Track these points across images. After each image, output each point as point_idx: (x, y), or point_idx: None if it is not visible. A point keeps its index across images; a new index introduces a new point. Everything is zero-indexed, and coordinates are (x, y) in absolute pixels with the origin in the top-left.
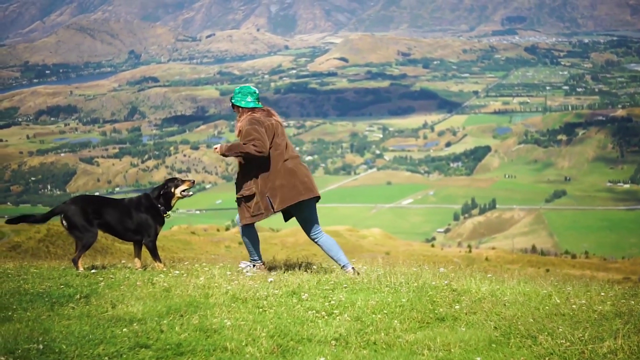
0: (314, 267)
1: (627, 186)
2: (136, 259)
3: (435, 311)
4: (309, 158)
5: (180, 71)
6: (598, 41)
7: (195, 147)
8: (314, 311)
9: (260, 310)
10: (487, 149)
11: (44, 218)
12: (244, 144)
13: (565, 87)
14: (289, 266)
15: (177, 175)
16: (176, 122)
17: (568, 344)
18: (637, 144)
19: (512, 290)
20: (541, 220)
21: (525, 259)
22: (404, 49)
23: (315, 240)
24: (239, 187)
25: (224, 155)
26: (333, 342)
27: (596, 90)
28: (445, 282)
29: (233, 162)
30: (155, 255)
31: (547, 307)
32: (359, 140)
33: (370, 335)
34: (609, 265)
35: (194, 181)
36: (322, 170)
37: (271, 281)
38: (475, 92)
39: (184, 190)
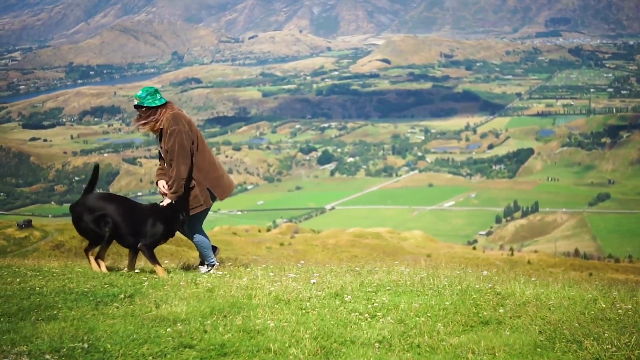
0: (357, 268)
1: None
2: (130, 269)
3: (479, 314)
4: (350, 159)
5: (222, 72)
6: None
7: (237, 148)
8: (357, 313)
9: (303, 311)
10: (530, 151)
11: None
12: (178, 163)
13: (610, 90)
14: (331, 268)
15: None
16: (218, 123)
17: (614, 349)
18: None
19: (556, 294)
20: (584, 224)
21: (568, 263)
22: (446, 51)
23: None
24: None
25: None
26: (376, 345)
27: None
28: (489, 285)
29: (275, 164)
30: (153, 260)
31: (592, 312)
32: (401, 142)
33: (414, 338)
34: None
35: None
36: (364, 171)
37: (314, 282)
38: (518, 94)
39: None
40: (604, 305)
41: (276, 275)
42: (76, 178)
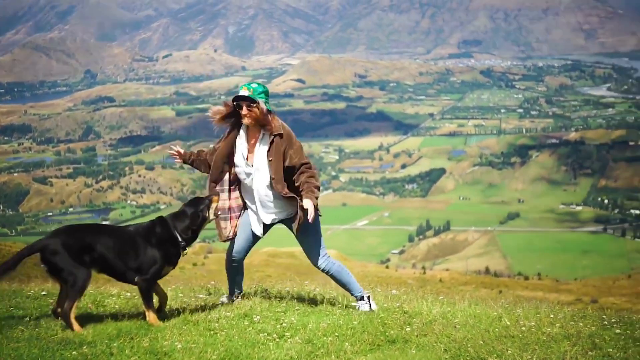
0: (267, 289)
1: (579, 208)
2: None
3: (386, 333)
4: None
5: (136, 91)
6: (552, 65)
7: (150, 168)
8: (266, 333)
9: (212, 332)
10: (442, 171)
11: (14, 262)
12: (311, 175)
13: (520, 110)
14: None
15: (132, 194)
16: (131, 143)
17: None
18: (590, 166)
19: (462, 312)
20: (494, 242)
21: (479, 281)
22: (360, 71)
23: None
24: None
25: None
26: None
27: (550, 113)
28: (397, 304)
29: (188, 184)
30: (148, 302)
31: (497, 329)
32: (315, 161)
33: (321, 358)
34: (561, 287)
35: (219, 194)
36: None
37: (222, 303)
38: (431, 115)
39: (215, 211)
40: (508, 323)
41: (185, 296)
42: None
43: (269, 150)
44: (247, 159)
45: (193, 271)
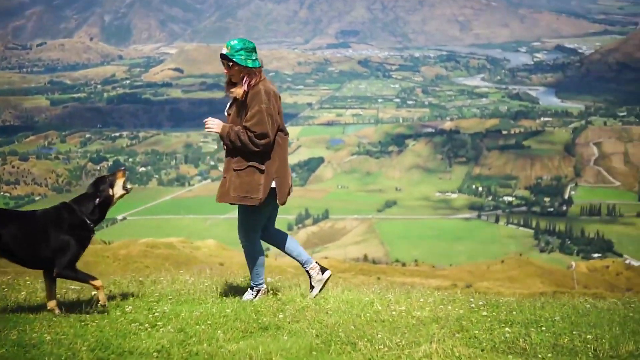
0: (141, 279)
1: (454, 196)
2: (51, 301)
3: (259, 320)
4: (142, 169)
5: (9, 80)
6: (428, 55)
7: (24, 159)
8: (138, 323)
9: (82, 324)
10: (321, 160)
11: None
12: (250, 135)
13: (397, 100)
14: (115, 279)
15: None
16: (4, 133)
17: (386, 349)
18: (465, 155)
19: (335, 298)
20: (373, 230)
21: (358, 268)
22: None
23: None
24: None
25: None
26: (155, 354)
27: (426, 103)
28: (271, 291)
29: (64, 174)
30: (80, 279)
31: (368, 314)
32: (194, 151)
33: (193, 346)
34: (438, 272)
35: (125, 168)
36: (156, 181)
37: (95, 294)
38: (309, 104)
39: (124, 185)
40: (379, 308)
41: (57, 288)
42: None
43: (229, 115)
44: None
45: None
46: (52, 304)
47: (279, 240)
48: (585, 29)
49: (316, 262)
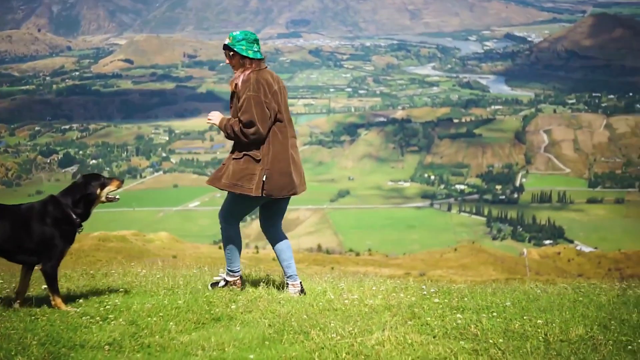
0: (92, 272)
1: (407, 185)
2: (17, 301)
3: (211, 312)
4: (93, 162)
5: None
6: (379, 45)
7: None
8: (89, 317)
9: (32, 318)
10: None
11: None
12: (241, 127)
13: (348, 89)
14: (65, 272)
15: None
16: None
17: (338, 337)
18: (417, 144)
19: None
20: (326, 220)
21: (311, 258)
22: (190, 51)
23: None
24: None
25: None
26: (106, 347)
27: (377, 92)
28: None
29: (13, 168)
30: (54, 287)
31: (320, 303)
32: (145, 143)
33: (145, 339)
34: (391, 261)
35: (123, 180)
36: (107, 174)
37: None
38: None
39: (111, 193)
40: (332, 297)
41: (6, 282)
42: None
43: (231, 107)
44: None
45: None
46: (17, 304)
47: (279, 241)
48: (534, 17)
49: (300, 282)
